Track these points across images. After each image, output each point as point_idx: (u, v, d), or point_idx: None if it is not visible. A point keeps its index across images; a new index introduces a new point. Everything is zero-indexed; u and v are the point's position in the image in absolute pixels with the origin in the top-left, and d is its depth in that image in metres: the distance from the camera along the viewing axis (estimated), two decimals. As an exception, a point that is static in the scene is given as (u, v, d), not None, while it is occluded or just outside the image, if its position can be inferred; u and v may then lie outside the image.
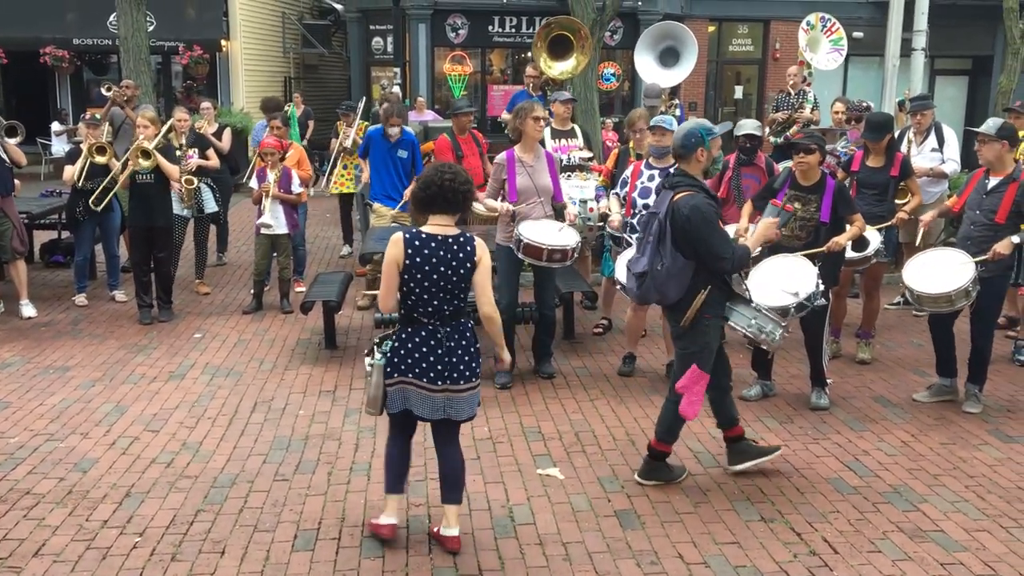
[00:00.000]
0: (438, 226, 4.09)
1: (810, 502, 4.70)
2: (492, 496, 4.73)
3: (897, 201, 6.97)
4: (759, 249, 6.25)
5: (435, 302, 4.03)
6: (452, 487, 4.22)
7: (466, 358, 4.08)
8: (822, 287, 5.60)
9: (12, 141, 7.81)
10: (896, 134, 7.50)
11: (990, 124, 5.95)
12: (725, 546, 4.26)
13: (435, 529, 4.28)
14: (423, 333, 4.05)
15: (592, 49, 10.18)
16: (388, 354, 4.10)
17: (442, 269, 4.00)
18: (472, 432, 5.55)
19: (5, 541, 4.23)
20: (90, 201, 8.07)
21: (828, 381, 6.15)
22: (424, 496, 4.70)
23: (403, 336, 4.09)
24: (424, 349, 4.04)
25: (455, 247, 4.04)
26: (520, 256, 6.14)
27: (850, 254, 6.14)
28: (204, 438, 5.46)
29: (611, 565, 4.08)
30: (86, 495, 4.70)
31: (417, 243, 4.02)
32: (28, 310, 8.00)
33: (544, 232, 6.14)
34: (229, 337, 7.54)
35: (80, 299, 8.42)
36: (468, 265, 4.04)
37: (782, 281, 5.65)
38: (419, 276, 4.00)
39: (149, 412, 5.86)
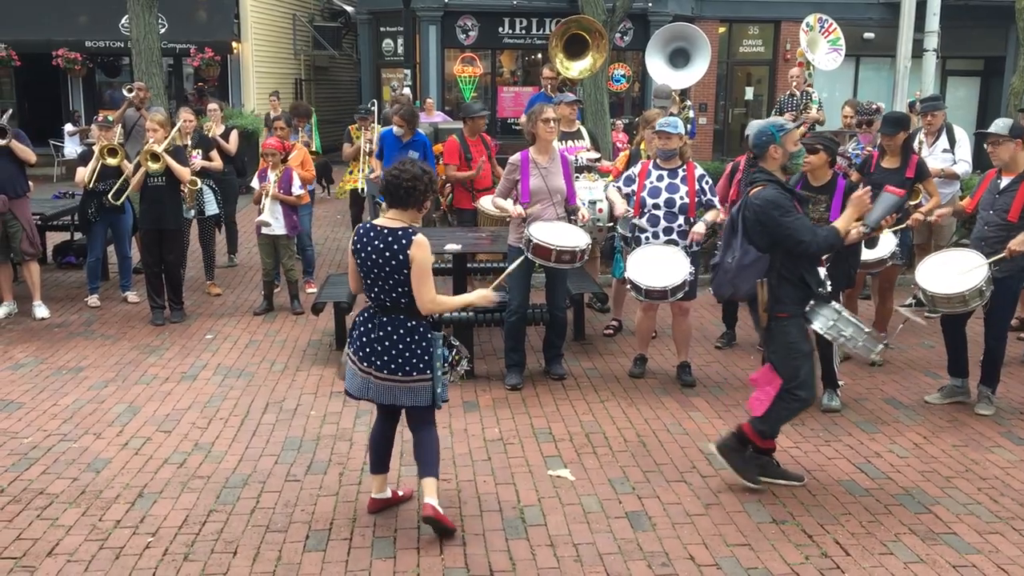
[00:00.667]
0: (387, 219, 4.25)
1: (822, 504, 4.69)
2: (503, 497, 4.73)
3: (911, 203, 6.95)
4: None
5: (375, 290, 4.23)
6: (423, 463, 4.37)
7: (393, 352, 4.20)
8: (829, 287, 5.58)
9: (1, 142, 7.69)
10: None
11: (1000, 124, 5.93)
12: (737, 548, 4.25)
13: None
14: (364, 315, 4.32)
15: (605, 48, 10.18)
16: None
17: (375, 258, 4.16)
18: (483, 433, 5.56)
19: (19, 540, 4.26)
20: (109, 196, 8.07)
21: (840, 383, 6.13)
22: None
23: (359, 313, 4.38)
24: (361, 329, 4.29)
25: (390, 239, 4.15)
26: (530, 256, 6.13)
27: (865, 256, 6.11)
28: (216, 438, 5.48)
29: (622, 566, 4.08)
30: (99, 495, 4.72)
31: (361, 231, 4.26)
32: (41, 311, 8.05)
33: (554, 233, 6.14)
34: (240, 338, 7.56)
35: (92, 300, 8.47)
36: (400, 259, 4.13)
37: None
38: (359, 262, 4.24)
39: (161, 412, 5.89)
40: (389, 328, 4.21)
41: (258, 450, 5.32)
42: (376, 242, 4.17)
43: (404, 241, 4.14)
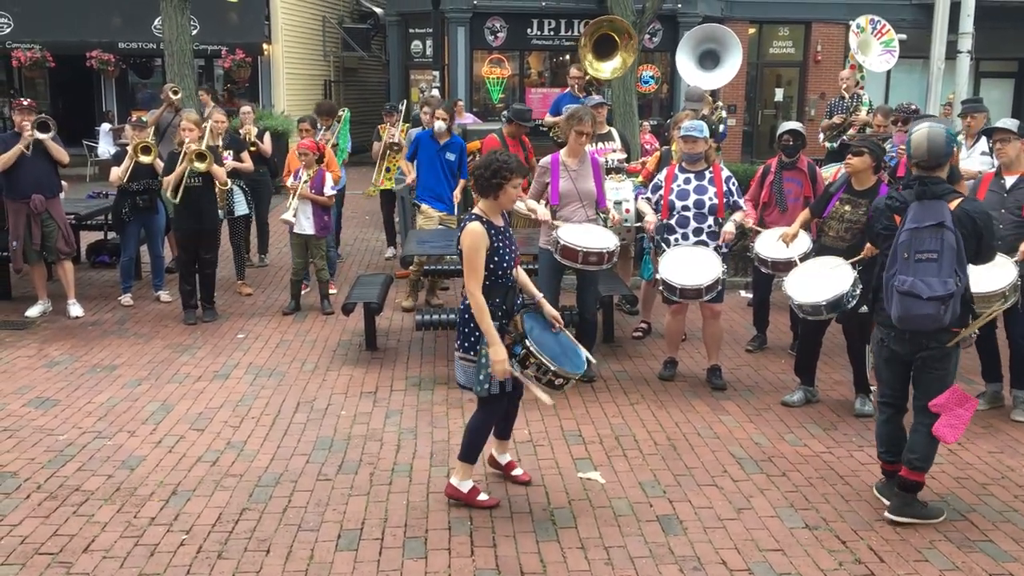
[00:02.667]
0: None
1: (855, 510, 4.65)
2: (533, 499, 4.73)
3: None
4: (806, 250, 6.21)
5: None
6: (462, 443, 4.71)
7: (459, 323, 4.54)
8: (859, 290, 5.54)
9: (43, 136, 7.79)
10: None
11: (1007, 122, 5.97)
12: (769, 553, 4.22)
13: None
14: None
15: (635, 49, 10.15)
16: None
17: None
18: (513, 435, 5.55)
19: (56, 537, 4.31)
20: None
21: (872, 387, 6.07)
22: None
23: None
24: None
25: (461, 226, 4.51)
26: (558, 258, 6.13)
27: None
28: (248, 437, 5.53)
29: (653, 570, 4.07)
30: (134, 492, 4.77)
31: None
32: (75, 309, 8.14)
33: (582, 235, 6.14)
34: (271, 338, 7.62)
35: (126, 299, 8.55)
36: (456, 240, 4.48)
37: (820, 281, 5.63)
38: None
39: (194, 411, 5.94)
40: (461, 305, 4.53)
41: (290, 449, 5.36)
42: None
43: (462, 226, 4.46)
